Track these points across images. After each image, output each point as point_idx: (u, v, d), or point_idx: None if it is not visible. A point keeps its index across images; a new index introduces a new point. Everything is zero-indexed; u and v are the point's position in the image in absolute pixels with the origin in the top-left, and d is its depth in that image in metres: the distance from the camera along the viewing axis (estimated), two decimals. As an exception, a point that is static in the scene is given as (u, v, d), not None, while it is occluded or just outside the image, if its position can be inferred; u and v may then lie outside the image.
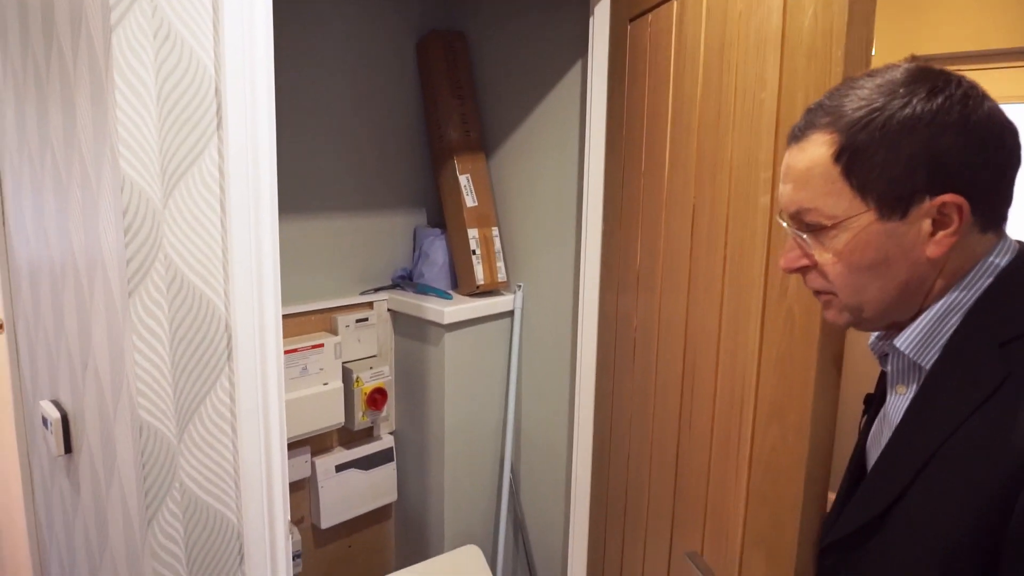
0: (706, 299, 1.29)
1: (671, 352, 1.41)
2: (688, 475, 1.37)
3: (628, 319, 1.60)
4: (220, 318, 1.03)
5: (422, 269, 2.11)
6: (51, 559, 1.64)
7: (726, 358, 1.24)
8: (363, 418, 2.00)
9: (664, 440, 1.45)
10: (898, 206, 0.73)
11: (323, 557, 2.14)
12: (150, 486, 1.01)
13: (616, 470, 1.68)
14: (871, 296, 0.77)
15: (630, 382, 1.60)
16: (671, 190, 1.40)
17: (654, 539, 1.50)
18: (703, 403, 1.31)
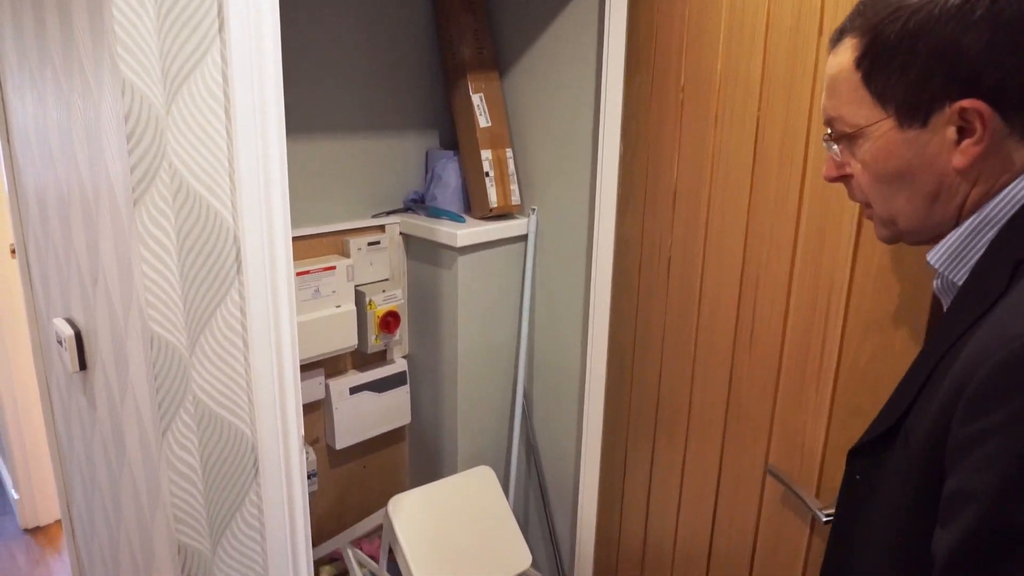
0: (777, 214, 1.26)
1: (723, 270, 1.39)
2: (747, 391, 1.36)
3: (658, 239, 1.56)
4: (228, 229, 1.01)
5: (434, 192, 2.08)
6: (73, 474, 1.67)
7: (805, 274, 1.22)
8: (376, 341, 2.00)
9: (713, 358, 1.43)
10: (917, 113, 0.69)
11: (338, 477, 2.18)
12: (163, 398, 1.01)
13: (642, 391, 1.67)
14: (900, 207, 0.74)
15: (660, 303, 1.57)
16: (725, 105, 1.35)
17: (700, 455, 1.49)
18: (769, 320, 1.29)
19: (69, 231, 1.25)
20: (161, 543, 1.16)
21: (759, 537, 1.38)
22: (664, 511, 1.63)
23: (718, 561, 1.48)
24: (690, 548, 1.55)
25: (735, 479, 1.41)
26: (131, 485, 1.24)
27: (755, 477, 1.37)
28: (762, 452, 1.34)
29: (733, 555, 1.44)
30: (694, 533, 1.53)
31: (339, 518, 2.21)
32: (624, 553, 1.82)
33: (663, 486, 1.63)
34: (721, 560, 1.47)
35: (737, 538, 1.42)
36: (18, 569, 2.47)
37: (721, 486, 1.45)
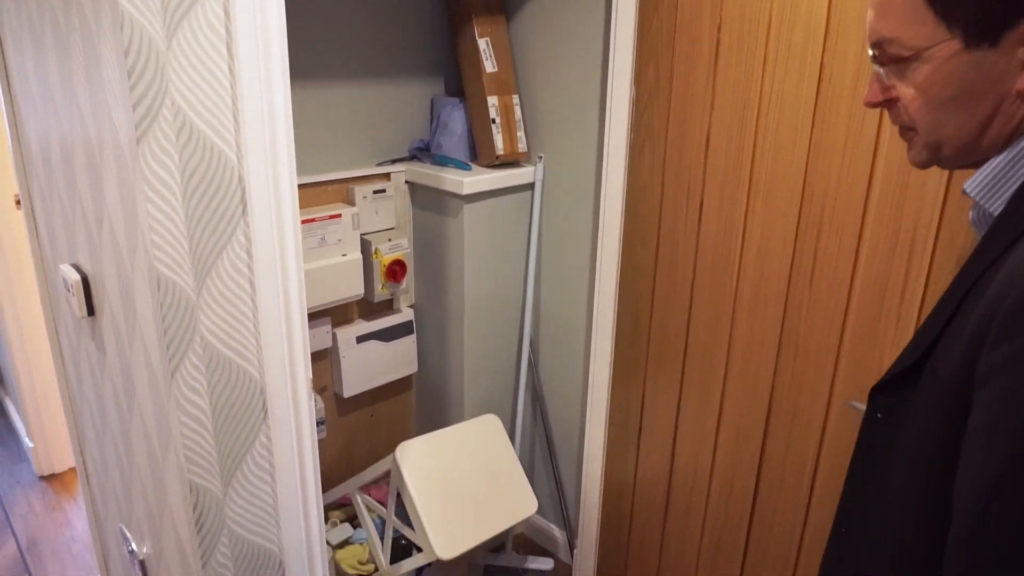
0: (847, 155, 1.23)
1: (774, 212, 1.37)
2: (806, 327, 1.35)
3: (686, 184, 1.54)
4: (232, 169, 1.00)
5: (440, 140, 2.05)
6: (85, 420, 1.69)
7: (884, 212, 1.20)
8: (383, 290, 2.00)
9: (761, 298, 1.42)
10: (988, 32, 0.65)
11: (346, 425, 2.21)
12: (171, 339, 1.01)
13: (664, 336, 1.66)
14: (949, 132, 0.70)
15: (688, 248, 1.56)
16: (782, 47, 1.31)
17: (744, 393, 1.49)
18: (837, 258, 1.28)
19: (73, 176, 1.24)
20: (173, 484, 1.17)
21: (819, 467, 1.38)
22: (698, 451, 1.63)
23: (767, 499, 1.49)
24: (732, 484, 1.56)
25: (791, 413, 1.41)
26: (142, 428, 1.26)
27: (816, 412, 1.36)
28: (826, 387, 1.34)
29: (786, 493, 1.44)
30: (736, 469, 1.54)
31: (348, 465, 2.24)
32: (642, 496, 1.83)
33: (695, 427, 1.63)
34: (771, 498, 1.48)
35: (793, 470, 1.42)
36: (35, 515, 2.52)
37: (771, 421, 1.45)
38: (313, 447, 1.23)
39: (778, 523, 1.47)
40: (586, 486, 2.06)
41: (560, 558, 2.33)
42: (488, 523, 1.87)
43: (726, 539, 1.60)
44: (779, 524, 1.47)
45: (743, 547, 1.56)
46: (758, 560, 1.53)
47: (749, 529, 1.54)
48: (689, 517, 1.69)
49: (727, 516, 1.58)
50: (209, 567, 1.17)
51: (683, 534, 1.72)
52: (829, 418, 1.34)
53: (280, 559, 1.27)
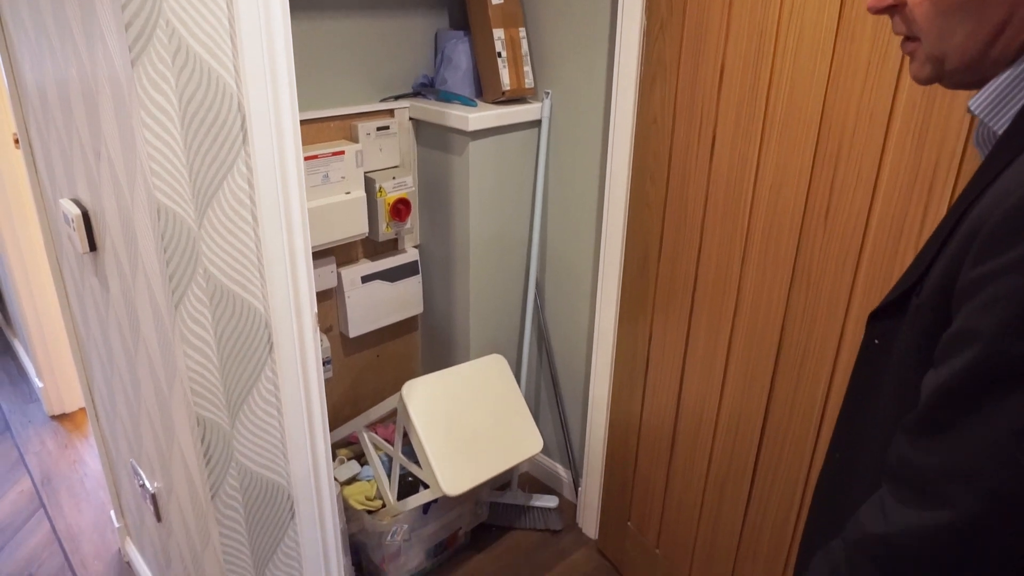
0: (870, 79, 1.18)
1: (790, 144, 1.32)
2: (819, 265, 1.33)
3: (698, 117, 1.49)
4: (232, 95, 0.97)
5: (444, 75, 2.00)
6: (92, 358, 1.69)
7: (905, 142, 1.15)
8: (387, 229, 1.98)
9: (773, 235, 1.39)
10: None
11: (352, 365, 2.21)
12: (173, 271, 1.00)
13: (672, 273, 1.64)
14: (956, 43, 0.67)
15: (699, 183, 1.52)
16: None
17: (753, 330, 1.48)
18: (854, 192, 1.24)
19: (70, 109, 1.21)
20: (181, 417, 1.17)
21: (828, 405, 1.37)
22: (705, 388, 1.62)
23: (774, 434, 1.49)
24: (739, 421, 1.56)
25: (801, 351, 1.39)
26: (147, 362, 1.25)
27: (828, 348, 1.35)
28: (838, 324, 1.32)
29: (794, 428, 1.45)
30: (743, 406, 1.54)
31: (354, 404, 2.26)
32: (648, 433, 1.84)
33: (703, 365, 1.62)
34: (779, 433, 1.48)
35: (802, 408, 1.42)
36: (48, 453, 2.56)
37: (781, 359, 1.44)
38: (319, 381, 1.23)
39: (785, 460, 1.47)
40: (591, 424, 2.07)
41: (564, 496, 2.36)
42: (494, 461, 1.89)
43: (732, 476, 1.61)
44: (786, 461, 1.47)
45: (748, 484, 1.57)
46: (763, 497, 1.54)
47: (755, 466, 1.54)
48: (695, 455, 1.70)
49: (733, 453, 1.59)
50: (218, 498, 1.18)
51: (689, 472, 1.73)
52: (840, 356, 1.33)
53: (289, 492, 1.28)
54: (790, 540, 1.51)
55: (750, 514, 1.59)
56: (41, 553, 2.13)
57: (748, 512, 1.59)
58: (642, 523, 1.95)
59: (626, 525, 2.01)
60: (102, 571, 2.06)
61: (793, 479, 1.47)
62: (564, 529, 2.23)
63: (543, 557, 2.13)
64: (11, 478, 2.44)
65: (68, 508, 2.30)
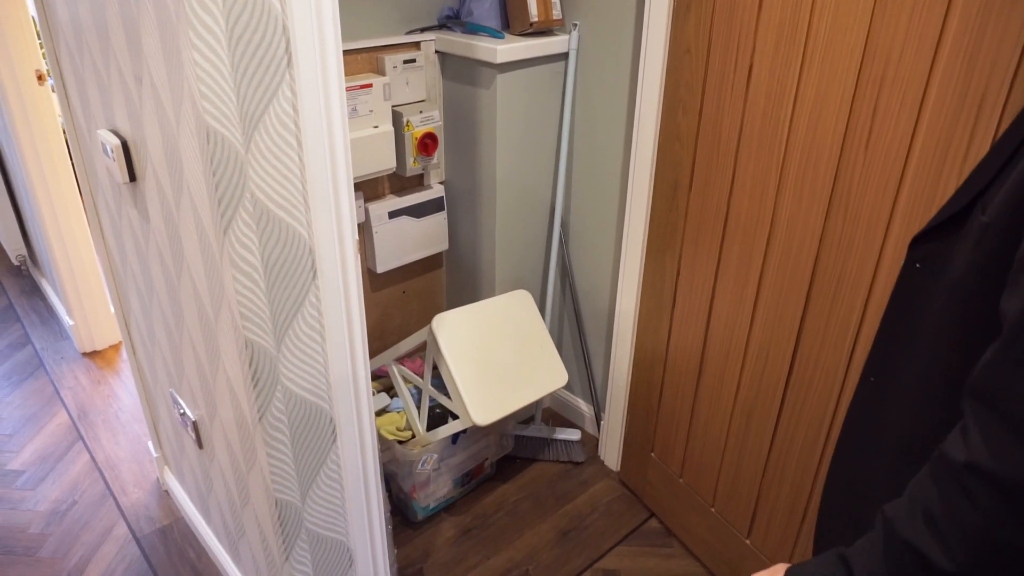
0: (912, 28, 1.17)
1: (831, 70, 1.30)
2: (858, 193, 1.33)
3: (735, 45, 1.47)
4: (276, 16, 0.97)
5: (470, 7, 1.97)
6: (129, 290, 1.72)
7: (955, 62, 1.13)
8: (414, 164, 1.98)
9: (813, 161, 1.39)
10: None
11: (379, 300, 2.24)
12: (222, 195, 1.02)
13: (703, 204, 1.64)
14: None
15: (735, 112, 1.51)
16: None
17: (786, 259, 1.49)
18: (898, 116, 1.23)
19: (107, 36, 1.20)
20: (227, 342, 1.20)
21: (860, 335, 1.38)
22: (735, 318, 1.64)
23: (805, 362, 1.51)
24: (768, 349, 1.58)
25: (836, 279, 1.39)
26: (191, 290, 1.28)
27: (864, 275, 1.34)
28: (875, 251, 1.32)
29: (825, 356, 1.46)
30: (774, 335, 1.55)
31: (381, 339, 2.30)
32: (675, 367, 1.87)
33: (733, 294, 1.63)
34: (809, 361, 1.50)
35: (833, 338, 1.44)
36: (83, 388, 2.63)
37: (814, 287, 1.44)
38: (360, 309, 1.26)
39: (815, 388, 1.50)
40: (615, 358, 2.10)
41: (586, 430, 2.41)
42: (521, 392, 1.93)
43: (759, 405, 1.64)
44: (816, 389, 1.50)
45: (776, 412, 1.60)
46: (791, 425, 1.57)
47: (784, 394, 1.57)
48: (722, 384, 1.73)
49: (762, 382, 1.61)
50: (265, 420, 1.22)
51: (715, 401, 1.76)
52: (876, 282, 1.33)
53: (331, 415, 1.32)
54: (816, 467, 1.55)
55: (777, 441, 1.62)
56: (83, 481, 2.20)
57: (775, 440, 1.63)
58: (665, 453, 1.99)
59: (649, 456, 2.05)
60: (142, 498, 2.13)
61: (822, 407, 1.49)
62: (586, 461, 2.29)
63: (566, 487, 2.19)
64: (49, 411, 2.51)
65: (105, 440, 2.37)
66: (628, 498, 2.15)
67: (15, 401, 2.56)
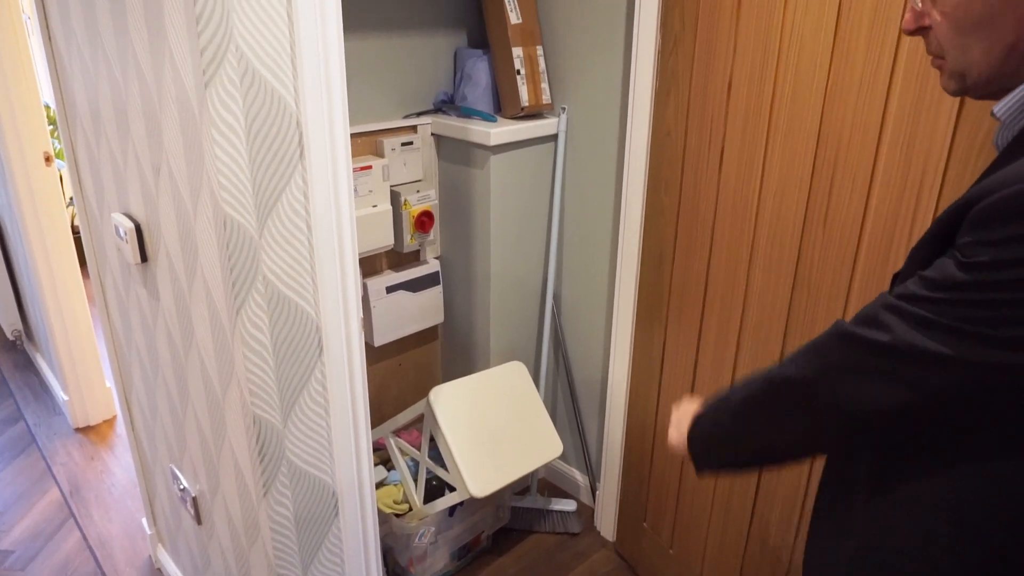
0: (863, 95, 1.27)
1: (791, 154, 1.41)
2: (819, 269, 1.41)
3: (708, 129, 1.58)
4: (291, 113, 1.05)
5: (464, 92, 2.08)
6: (132, 366, 1.76)
7: (895, 153, 1.24)
8: (411, 240, 2.05)
9: (777, 240, 1.47)
10: None
11: (376, 373, 2.28)
12: (236, 278, 1.07)
13: (685, 279, 1.72)
14: (975, 58, 0.73)
15: (710, 191, 1.60)
16: None
17: (759, 332, 1.55)
18: (849, 199, 1.32)
19: (127, 126, 1.28)
20: (234, 418, 1.24)
21: None
22: (715, 388, 1.69)
23: None
24: None
25: None
26: (199, 367, 1.32)
27: None
28: (838, 310, 1.39)
29: None
30: None
31: (378, 411, 2.32)
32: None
33: (713, 368, 1.69)
34: None
35: None
36: (75, 463, 2.62)
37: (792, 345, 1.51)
38: (364, 383, 1.30)
39: None
40: (609, 428, 2.13)
41: (582, 500, 2.42)
42: (517, 463, 1.95)
43: (739, 478, 1.68)
44: None
45: (756, 480, 1.64)
46: (770, 491, 1.61)
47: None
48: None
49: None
50: (270, 495, 1.24)
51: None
52: None
53: (333, 490, 1.34)
54: (795, 534, 1.58)
55: (758, 508, 1.66)
56: (74, 560, 2.18)
57: (756, 507, 1.66)
58: (657, 523, 2.01)
59: (642, 526, 2.06)
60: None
61: (796, 480, 1.54)
62: (582, 532, 2.29)
63: (563, 559, 2.19)
64: (40, 489, 2.50)
65: (98, 517, 2.35)
66: (624, 569, 2.15)
67: (6, 478, 2.54)
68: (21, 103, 2.41)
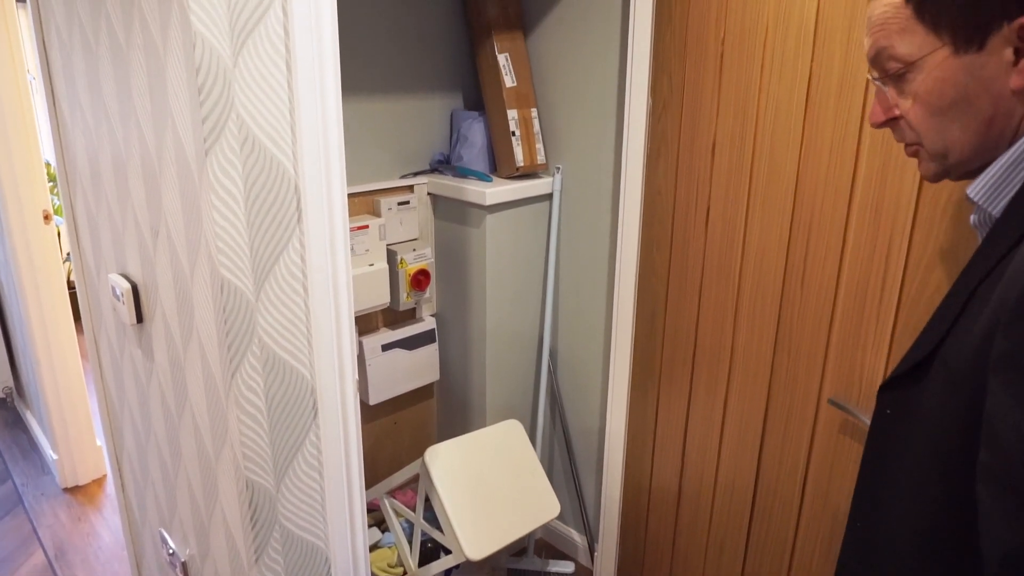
0: (834, 159, 1.31)
1: (770, 215, 1.44)
2: (798, 328, 1.43)
3: (695, 189, 1.61)
4: (289, 179, 1.06)
5: (460, 152, 2.11)
6: (124, 427, 1.74)
7: (864, 214, 1.27)
8: (408, 299, 2.06)
9: (760, 299, 1.49)
10: (974, 36, 0.69)
11: (371, 431, 2.25)
12: (232, 341, 1.07)
13: (675, 337, 1.73)
14: (954, 138, 0.74)
15: (697, 250, 1.63)
16: (776, 54, 1.39)
17: (745, 392, 1.56)
18: (824, 259, 1.36)
19: (127, 188, 1.30)
20: (227, 482, 1.22)
21: (811, 466, 1.44)
22: (704, 450, 1.69)
23: (765, 494, 1.55)
24: (734, 483, 1.62)
25: (785, 414, 1.48)
26: (192, 429, 1.31)
27: (807, 410, 1.43)
28: (815, 385, 1.40)
29: (782, 487, 1.51)
30: (737, 469, 1.60)
31: (372, 470, 2.29)
32: (657, 496, 1.89)
33: (702, 425, 1.69)
34: (768, 493, 1.54)
35: (787, 469, 1.49)
36: (62, 525, 2.56)
37: (768, 422, 1.52)
38: (358, 445, 1.28)
39: (776, 518, 1.54)
40: (607, 488, 2.10)
41: (579, 561, 2.37)
42: (514, 525, 1.91)
43: (730, 534, 1.66)
44: (776, 519, 1.54)
45: (744, 543, 1.63)
46: (758, 553, 1.60)
47: (749, 527, 1.61)
48: (697, 515, 1.75)
49: (730, 515, 1.65)
50: (262, 561, 1.21)
51: (692, 532, 1.78)
52: (819, 417, 1.41)
53: (326, 555, 1.31)
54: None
55: (747, 570, 1.64)
56: (57, 628, 2.12)
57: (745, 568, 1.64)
58: (658, 585, 1.97)
59: (643, 588, 2.02)
60: (119, 645, 2.05)
61: (783, 536, 1.54)
62: (581, 595, 2.24)
63: (561, 624, 2.13)
64: (25, 551, 2.44)
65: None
66: (624, 634, 2.09)
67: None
68: (23, 162, 2.44)
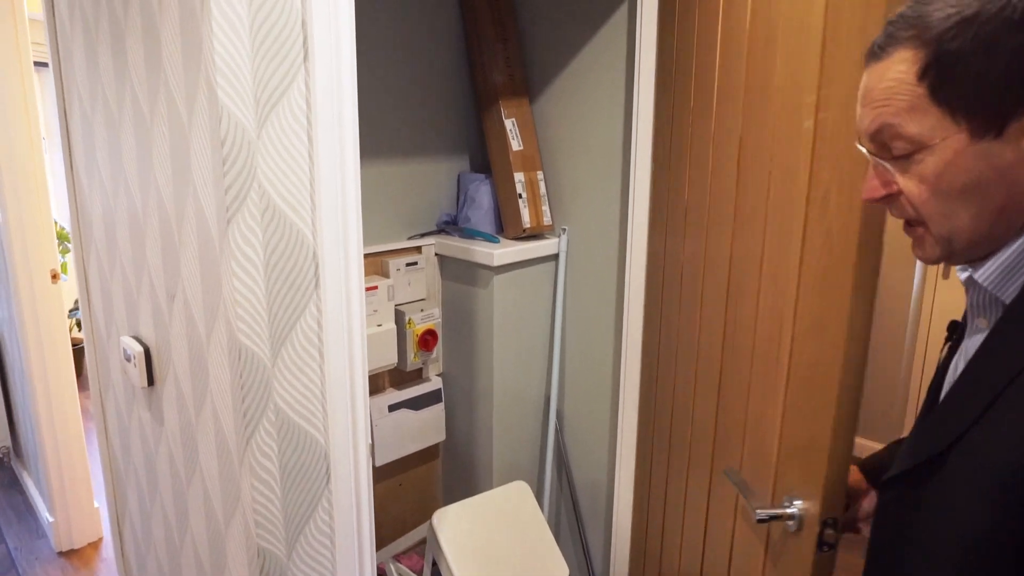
0: (750, 226, 1.33)
1: (716, 281, 1.46)
2: (730, 394, 1.42)
3: (676, 256, 1.64)
4: (308, 246, 1.08)
5: (467, 214, 2.14)
6: (127, 489, 1.72)
7: (768, 280, 1.28)
8: (415, 359, 2.06)
9: (708, 365, 1.50)
10: (993, 123, 0.66)
11: (376, 493, 2.22)
12: (248, 407, 1.07)
13: (662, 400, 1.74)
14: (963, 225, 0.71)
15: (677, 316, 1.64)
16: (720, 123, 1.42)
17: (697, 458, 1.56)
18: (745, 325, 1.36)
19: (143, 253, 1.31)
20: (237, 548, 1.20)
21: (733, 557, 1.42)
22: (695, 521, 1.66)
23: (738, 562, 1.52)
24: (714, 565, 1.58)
25: (719, 482, 1.47)
26: (202, 494, 1.29)
27: (730, 488, 1.41)
28: (737, 457, 1.39)
29: None
30: (719, 546, 1.57)
31: (376, 532, 2.25)
32: (667, 567, 1.85)
33: (676, 491, 1.68)
34: None
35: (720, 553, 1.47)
36: (56, 591, 2.50)
37: (712, 488, 1.50)
38: (370, 511, 1.27)
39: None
40: (615, 553, 2.07)
41: (588, 627, 2.31)
42: (522, 590, 1.88)
43: None
44: None
45: None
46: None
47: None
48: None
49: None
50: (270, 633, 1.19)
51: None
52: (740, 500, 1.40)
53: (335, 625, 1.29)
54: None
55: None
56: None
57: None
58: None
59: (654, 656, 1.97)
60: None
61: None
62: (590, 663, 2.18)
63: None
64: (18, 619, 2.37)
65: (77, 651, 2.23)
66: None
67: (-17, 608, 2.43)
68: (33, 222, 2.47)
